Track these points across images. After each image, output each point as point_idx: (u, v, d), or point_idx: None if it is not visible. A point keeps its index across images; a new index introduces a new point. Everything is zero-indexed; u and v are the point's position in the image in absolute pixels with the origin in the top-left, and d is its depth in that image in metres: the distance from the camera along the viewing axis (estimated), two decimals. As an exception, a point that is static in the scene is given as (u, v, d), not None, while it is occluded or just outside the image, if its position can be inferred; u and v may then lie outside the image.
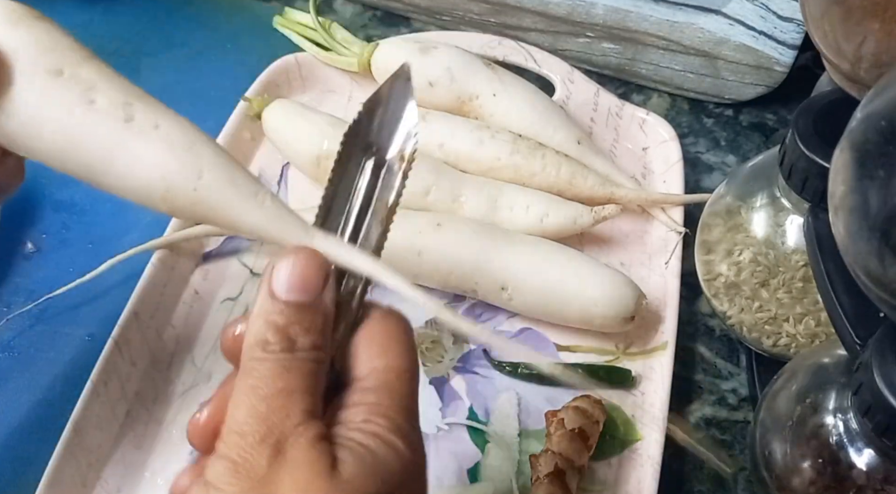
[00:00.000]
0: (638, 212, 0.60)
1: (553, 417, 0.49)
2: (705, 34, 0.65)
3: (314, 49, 0.65)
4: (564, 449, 0.47)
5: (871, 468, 0.39)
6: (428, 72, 0.61)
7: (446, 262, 0.53)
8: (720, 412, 0.53)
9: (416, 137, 0.31)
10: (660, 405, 0.50)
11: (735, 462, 0.51)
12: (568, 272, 0.53)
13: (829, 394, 0.41)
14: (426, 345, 0.54)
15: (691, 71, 0.68)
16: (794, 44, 0.64)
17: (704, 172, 0.66)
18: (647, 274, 0.57)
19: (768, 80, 0.66)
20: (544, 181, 0.58)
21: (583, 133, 0.61)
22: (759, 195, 0.49)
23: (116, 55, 0.69)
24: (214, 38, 0.73)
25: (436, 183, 0.57)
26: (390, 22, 0.75)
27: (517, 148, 0.58)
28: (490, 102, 0.61)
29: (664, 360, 0.52)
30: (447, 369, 0.53)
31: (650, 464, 0.48)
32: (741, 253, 0.50)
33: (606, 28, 0.67)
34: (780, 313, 0.49)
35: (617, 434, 0.50)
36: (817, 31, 0.42)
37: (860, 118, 0.33)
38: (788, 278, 0.48)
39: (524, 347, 0.54)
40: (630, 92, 0.71)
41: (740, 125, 0.69)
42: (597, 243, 0.59)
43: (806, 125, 0.43)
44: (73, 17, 0.72)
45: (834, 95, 0.44)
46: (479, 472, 0.49)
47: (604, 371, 0.52)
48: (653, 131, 0.64)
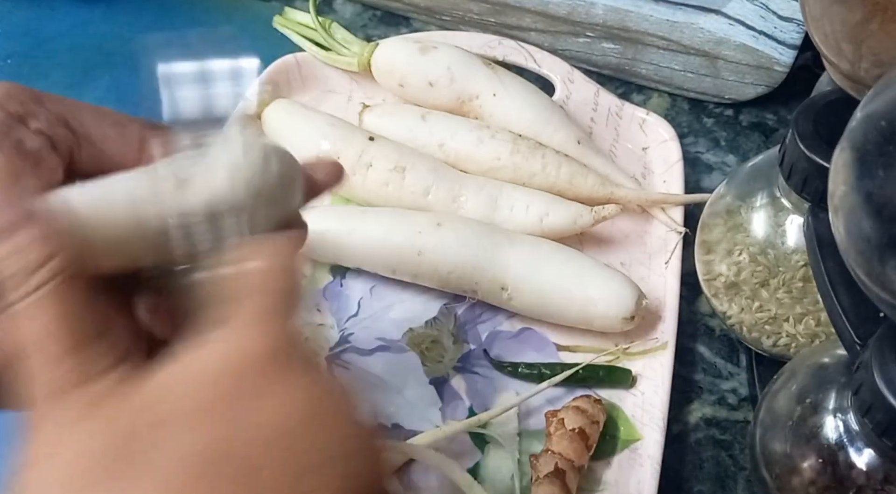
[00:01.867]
0: (638, 212, 0.60)
1: (553, 417, 0.49)
2: (705, 34, 0.65)
3: (314, 49, 0.65)
4: (564, 449, 0.47)
5: (871, 468, 0.39)
6: (428, 72, 0.61)
7: (446, 262, 0.53)
8: (720, 412, 0.53)
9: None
10: (660, 405, 0.50)
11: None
12: (568, 272, 0.53)
13: (829, 394, 0.41)
14: (426, 345, 0.54)
15: (691, 71, 0.68)
16: (794, 44, 0.64)
17: (704, 172, 0.66)
18: (647, 274, 0.57)
19: (768, 80, 0.66)
20: (544, 181, 0.58)
21: (583, 133, 0.61)
22: (759, 195, 0.49)
23: (116, 55, 0.69)
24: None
25: (436, 183, 0.57)
26: (390, 22, 0.75)
27: (517, 148, 0.58)
28: (490, 102, 0.61)
29: (664, 360, 0.52)
30: (447, 369, 0.53)
31: (650, 464, 0.48)
32: (741, 253, 0.50)
33: (606, 28, 0.67)
34: (780, 313, 0.49)
35: (617, 434, 0.50)
36: (817, 32, 0.42)
37: (860, 118, 0.33)
38: (788, 278, 0.48)
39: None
40: (630, 92, 0.71)
41: (740, 125, 0.69)
42: (597, 243, 0.59)
43: (806, 125, 0.43)
44: (73, 17, 0.72)
45: (834, 95, 0.44)
46: (479, 472, 0.49)
47: (604, 371, 0.52)
48: (653, 131, 0.64)
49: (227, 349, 0.24)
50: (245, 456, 0.23)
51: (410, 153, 0.58)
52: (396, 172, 0.57)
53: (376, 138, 0.58)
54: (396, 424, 0.51)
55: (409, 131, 0.60)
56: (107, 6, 0.74)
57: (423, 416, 0.51)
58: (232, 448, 0.23)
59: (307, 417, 0.24)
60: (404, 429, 0.50)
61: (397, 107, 0.63)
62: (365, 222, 0.55)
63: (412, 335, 0.54)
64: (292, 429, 0.24)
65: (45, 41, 0.70)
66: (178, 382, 0.24)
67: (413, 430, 0.50)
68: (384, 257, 0.54)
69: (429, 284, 0.55)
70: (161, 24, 0.74)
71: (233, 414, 0.23)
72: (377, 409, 0.48)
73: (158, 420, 0.23)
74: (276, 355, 0.24)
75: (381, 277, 0.56)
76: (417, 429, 0.50)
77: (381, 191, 0.57)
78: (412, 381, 0.52)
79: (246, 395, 0.24)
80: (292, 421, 0.24)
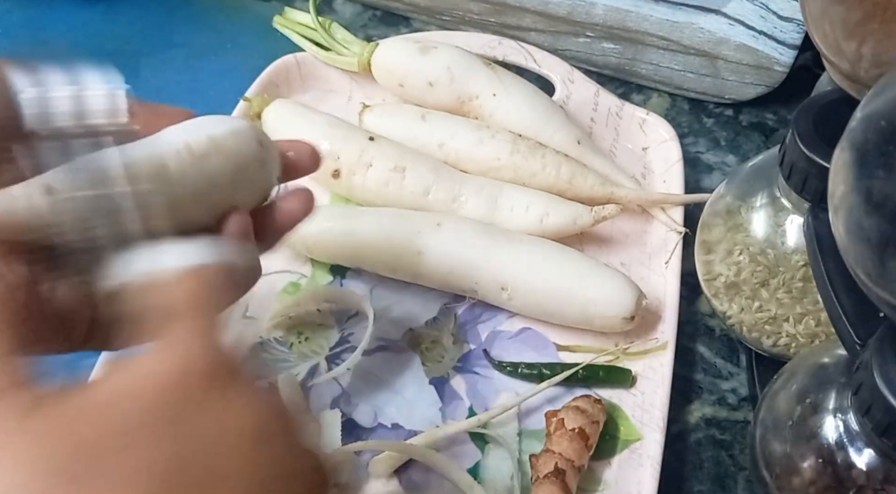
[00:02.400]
0: (638, 212, 0.60)
1: (553, 417, 0.49)
2: (705, 34, 0.65)
3: (314, 49, 0.65)
4: (564, 449, 0.47)
5: (871, 468, 0.39)
6: (428, 72, 0.61)
7: (446, 262, 0.53)
8: (720, 412, 0.53)
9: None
10: (660, 405, 0.50)
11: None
12: (568, 272, 0.53)
13: (829, 394, 0.41)
14: (426, 345, 0.54)
15: (691, 71, 0.68)
16: (794, 44, 0.64)
17: (704, 172, 0.66)
18: (647, 274, 0.57)
19: (768, 80, 0.66)
20: (544, 181, 0.58)
21: (583, 133, 0.61)
22: (759, 195, 0.49)
23: (116, 55, 0.69)
24: (214, 39, 0.73)
25: (436, 183, 0.57)
26: (390, 22, 0.75)
27: (517, 148, 0.58)
28: (490, 102, 0.61)
29: (664, 360, 0.52)
30: (447, 369, 0.53)
31: (650, 464, 0.48)
32: (741, 253, 0.50)
33: (606, 28, 0.67)
34: (780, 313, 0.49)
35: (617, 433, 0.50)
36: (817, 31, 0.42)
37: (860, 118, 0.33)
38: (788, 278, 0.48)
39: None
40: (630, 92, 0.71)
41: (740, 125, 0.69)
42: (597, 243, 0.59)
43: (806, 125, 0.43)
44: (73, 17, 0.72)
45: (834, 95, 0.44)
46: (479, 472, 0.49)
47: (604, 371, 0.52)
48: (653, 131, 0.64)
49: (168, 364, 0.24)
50: (205, 466, 0.22)
51: (410, 153, 0.58)
52: (396, 172, 0.57)
53: (376, 138, 0.58)
54: (396, 424, 0.51)
55: (409, 131, 0.60)
56: (107, 6, 0.74)
57: (423, 416, 0.51)
58: (189, 460, 0.22)
59: (253, 433, 0.24)
60: (404, 429, 0.50)
61: (397, 107, 0.63)
62: (365, 222, 0.55)
63: (412, 335, 0.54)
64: (239, 445, 0.23)
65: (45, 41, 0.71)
66: (127, 393, 0.23)
67: (413, 430, 0.50)
68: (384, 257, 0.54)
69: (429, 284, 0.55)
70: (161, 24, 0.74)
71: (185, 427, 0.23)
72: (316, 435, 0.47)
73: (113, 429, 0.22)
74: (216, 372, 0.24)
75: (381, 277, 0.56)
76: (417, 429, 0.50)
77: (381, 191, 0.57)
78: (412, 381, 0.52)
79: (192, 410, 0.23)
80: (239, 437, 0.23)
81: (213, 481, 0.22)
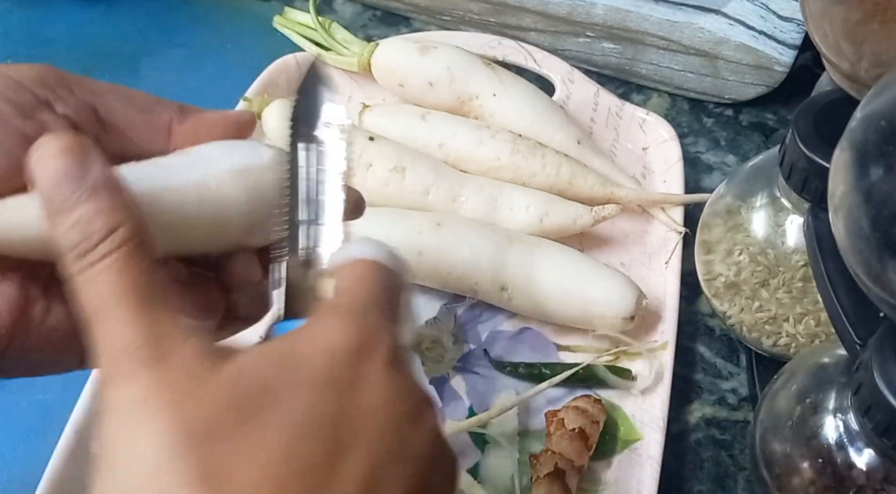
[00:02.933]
0: (638, 212, 0.60)
1: (553, 417, 0.49)
2: (705, 34, 0.65)
3: (314, 49, 0.65)
4: (564, 449, 0.47)
5: (871, 468, 0.39)
6: (428, 72, 0.61)
7: (446, 262, 0.53)
8: (720, 412, 0.53)
9: (338, 124, 0.33)
10: (660, 405, 0.50)
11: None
12: (568, 272, 0.53)
13: (829, 394, 0.41)
14: (426, 345, 0.54)
15: (691, 71, 0.68)
16: (794, 44, 0.64)
17: (704, 172, 0.66)
18: (647, 274, 0.57)
19: (768, 80, 0.66)
20: (544, 181, 0.58)
21: (583, 133, 0.61)
22: (759, 195, 0.49)
23: (116, 55, 0.69)
24: (214, 38, 0.73)
25: (436, 183, 0.57)
26: (390, 22, 0.75)
27: (517, 148, 0.58)
28: (490, 102, 0.61)
29: (664, 360, 0.52)
30: (447, 369, 0.53)
31: (650, 464, 0.48)
32: (741, 253, 0.50)
33: (606, 28, 0.67)
34: (780, 313, 0.49)
35: (617, 433, 0.50)
36: (817, 31, 0.42)
37: (860, 118, 0.33)
38: (788, 278, 0.48)
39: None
40: (630, 92, 0.71)
41: (740, 125, 0.69)
42: (597, 243, 0.59)
43: (806, 125, 0.43)
44: (73, 17, 0.72)
45: (834, 95, 0.44)
46: (479, 472, 0.49)
47: (604, 371, 0.52)
48: (653, 131, 0.64)
49: (345, 339, 0.26)
50: (351, 428, 0.24)
51: (410, 153, 0.58)
52: (396, 172, 0.57)
53: (376, 138, 0.58)
54: (396, 424, 0.51)
55: (409, 131, 0.60)
56: (107, 6, 0.74)
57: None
58: (338, 420, 0.24)
59: (405, 414, 0.26)
60: (404, 429, 0.50)
61: (397, 107, 0.63)
62: (365, 222, 0.55)
63: (412, 335, 0.54)
64: (393, 417, 0.25)
65: (45, 41, 0.70)
66: (304, 354, 0.25)
67: (413, 430, 0.50)
68: (384, 257, 0.54)
69: (429, 284, 0.55)
70: (161, 24, 0.74)
71: (346, 395, 0.25)
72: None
73: (286, 380, 0.24)
74: (384, 355, 0.26)
75: (381, 277, 0.56)
76: (417, 429, 0.50)
77: (381, 191, 0.57)
78: (412, 381, 0.52)
79: (356, 382, 0.25)
80: (392, 411, 0.25)
81: (358, 441, 0.24)
